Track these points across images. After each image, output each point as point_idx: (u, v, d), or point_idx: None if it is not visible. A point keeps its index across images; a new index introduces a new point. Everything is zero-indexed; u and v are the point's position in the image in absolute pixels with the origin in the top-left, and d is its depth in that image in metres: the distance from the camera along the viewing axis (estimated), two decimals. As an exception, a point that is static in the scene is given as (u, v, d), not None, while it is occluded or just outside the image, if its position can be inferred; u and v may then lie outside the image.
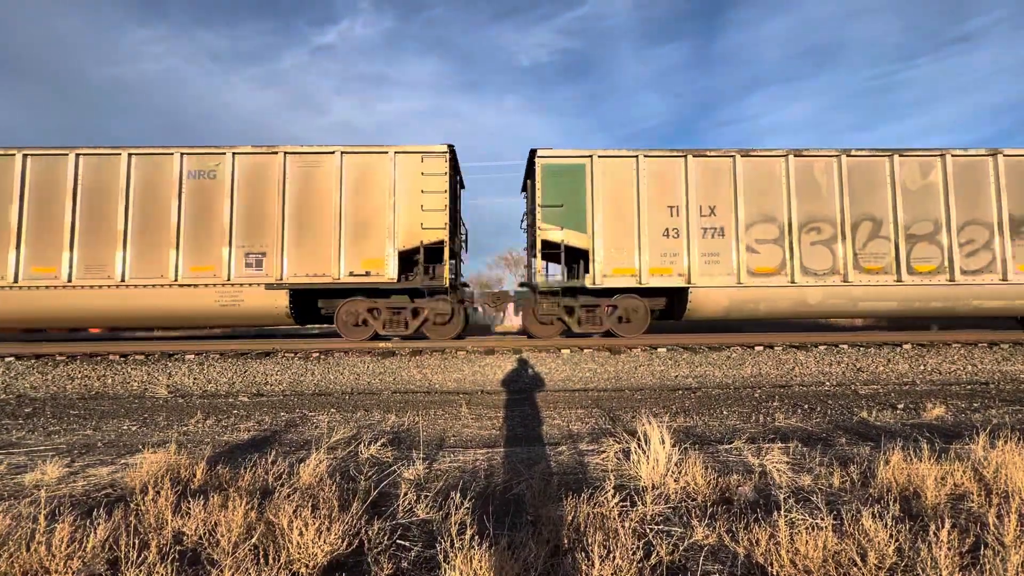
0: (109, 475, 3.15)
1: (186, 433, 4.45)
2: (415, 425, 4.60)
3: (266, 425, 4.73)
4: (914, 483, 2.63)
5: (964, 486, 2.63)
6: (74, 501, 2.66)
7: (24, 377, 7.06)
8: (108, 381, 7.02)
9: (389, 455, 3.51)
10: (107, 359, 7.75)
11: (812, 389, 6.49)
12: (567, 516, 2.26)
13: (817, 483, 2.79)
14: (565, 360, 7.61)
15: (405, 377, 7.15)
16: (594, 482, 2.85)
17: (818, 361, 7.58)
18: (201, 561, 1.97)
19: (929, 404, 5.09)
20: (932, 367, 7.42)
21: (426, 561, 1.99)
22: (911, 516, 2.32)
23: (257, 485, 2.77)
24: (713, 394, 6.20)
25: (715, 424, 4.55)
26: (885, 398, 5.74)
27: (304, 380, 7.08)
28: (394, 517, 2.38)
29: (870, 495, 2.59)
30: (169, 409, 5.58)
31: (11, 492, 2.85)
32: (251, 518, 2.20)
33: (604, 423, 4.61)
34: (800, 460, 3.24)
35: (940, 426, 4.35)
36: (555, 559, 1.93)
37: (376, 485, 2.75)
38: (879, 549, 1.90)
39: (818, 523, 2.08)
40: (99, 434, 4.45)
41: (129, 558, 1.83)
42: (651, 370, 7.36)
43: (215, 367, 7.39)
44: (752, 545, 2.01)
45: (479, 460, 3.41)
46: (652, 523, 2.29)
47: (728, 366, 7.45)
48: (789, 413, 4.96)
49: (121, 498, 2.68)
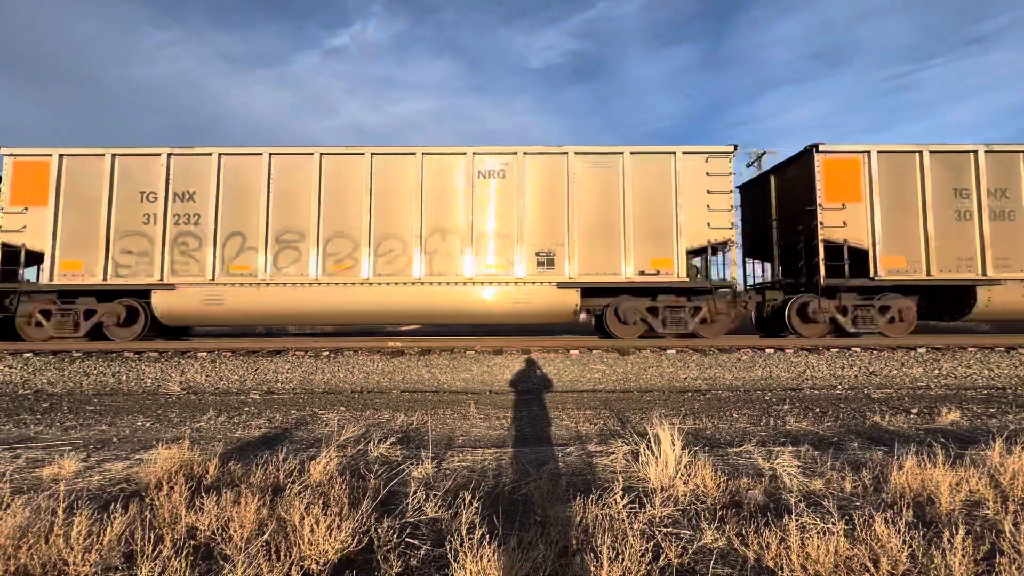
0: (124, 470, 3.20)
1: (199, 429, 4.51)
2: (424, 424, 4.62)
3: (277, 422, 4.78)
4: (928, 489, 2.60)
5: (979, 493, 2.59)
6: (90, 495, 2.71)
7: (42, 373, 7.20)
8: (123, 378, 7.13)
9: (398, 454, 3.53)
10: (122, 356, 7.88)
11: (824, 392, 6.42)
12: (576, 517, 2.26)
13: (829, 487, 2.76)
14: (574, 361, 7.60)
15: (414, 376, 7.18)
16: (602, 483, 2.85)
17: (830, 364, 7.49)
18: (214, 556, 2.00)
19: (944, 409, 5.02)
20: (947, 371, 7.31)
21: (435, 560, 2.00)
22: (925, 522, 2.29)
23: (268, 482, 2.81)
24: (723, 396, 6.15)
25: (725, 426, 4.52)
26: (899, 402, 5.66)
27: (314, 378, 7.14)
28: (403, 515, 2.40)
29: (883, 500, 2.56)
30: (182, 406, 5.66)
31: (30, 485, 2.91)
32: (263, 514, 2.23)
33: (613, 424, 4.60)
34: (811, 464, 3.21)
35: (955, 431, 4.28)
36: (564, 560, 1.94)
37: (386, 483, 2.76)
38: (892, 555, 1.88)
39: (830, 528, 2.06)
40: (114, 429, 4.53)
41: (144, 552, 1.86)
42: (660, 371, 7.32)
43: (227, 365, 7.47)
44: (762, 549, 2.00)
45: (488, 460, 3.42)
46: (661, 525, 2.28)
47: (738, 368, 7.39)
48: (800, 416, 4.91)
49: (136, 493, 2.73)
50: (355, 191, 9.17)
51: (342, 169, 9.22)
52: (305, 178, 9.15)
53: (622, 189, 9.11)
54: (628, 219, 9.06)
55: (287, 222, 9.11)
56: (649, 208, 9.11)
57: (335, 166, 9.21)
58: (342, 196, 9.16)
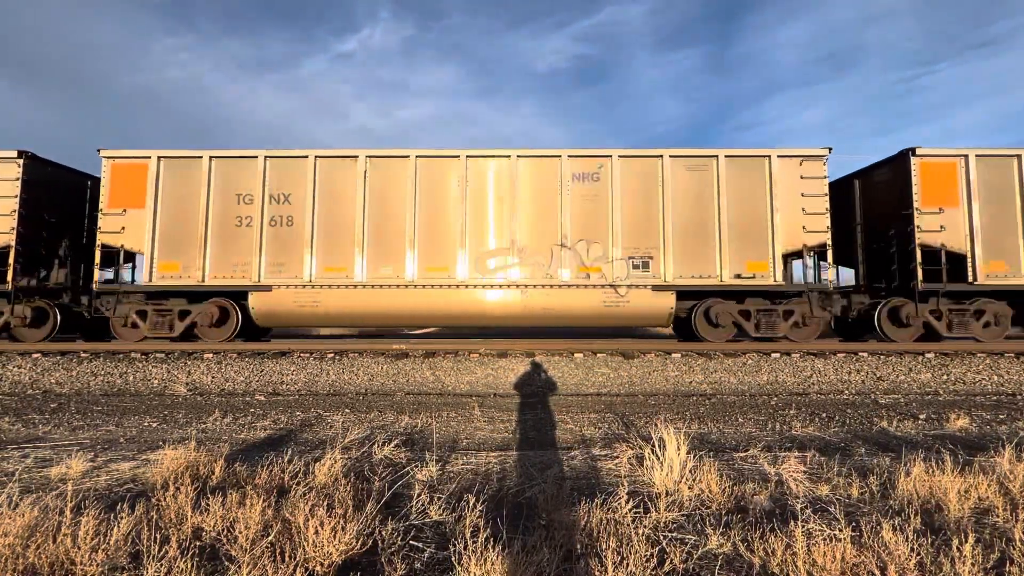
0: (131, 470, 3.22)
1: (205, 431, 4.54)
2: (428, 427, 4.63)
3: (282, 424, 4.80)
4: (936, 496, 2.57)
5: (989, 500, 2.56)
6: (98, 495, 2.73)
7: (50, 373, 7.26)
8: (130, 379, 7.19)
9: (402, 456, 3.54)
10: (129, 357, 7.94)
11: (830, 397, 6.37)
12: (580, 521, 2.26)
13: (835, 493, 2.74)
14: (578, 364, 7.59)
15: (418, 379, 7.19)
16: (607, 487, 2.84)
17: (836, 369, 7.44)
18: (219, 557, 2.01)
19: (952, 415, 4.97)
20: (956, 377, 7.23)
21: (439, 563, 2.00)
22: (933, 529, 2.26)
23: (274, 483, 2.82)
24: (728, 401, 6.12)
25: (730, 431, 4.50)
26: (906, 408, 5.61)
27: (319, 380, 7.16)
28: (408, 518, 2.40)
29: (890, 507, 2.53)
30: (188, 407, 5.69)
31: (38, 485, 2.93)
32: (268, 516, 2.24)
33: (617, 428, 4.58)
34: (817, 470, 3.19)
35: (964, 437, 4.24)
36: (568, 564, 1.93)
37: (390, 486, 2.77)
38: (900, 563, 1.86)
39: (836, 534, 2.05)
40: (121, 430, 4.56)
41: (151, 552, 1.87)
42: (665, 375, 7.30)
43: (232, 366, 7.51)
44: (768, 555, 1.99)
45: (492, 463, 3.42)
46: (666, 530, 2.27)
47: (744, 372, 7.35)
48: (806, 421, 4.88)
49: (143, 493, 2.75)
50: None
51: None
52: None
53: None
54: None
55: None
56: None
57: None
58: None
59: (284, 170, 9.24)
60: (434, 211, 9.21)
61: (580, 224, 9.13)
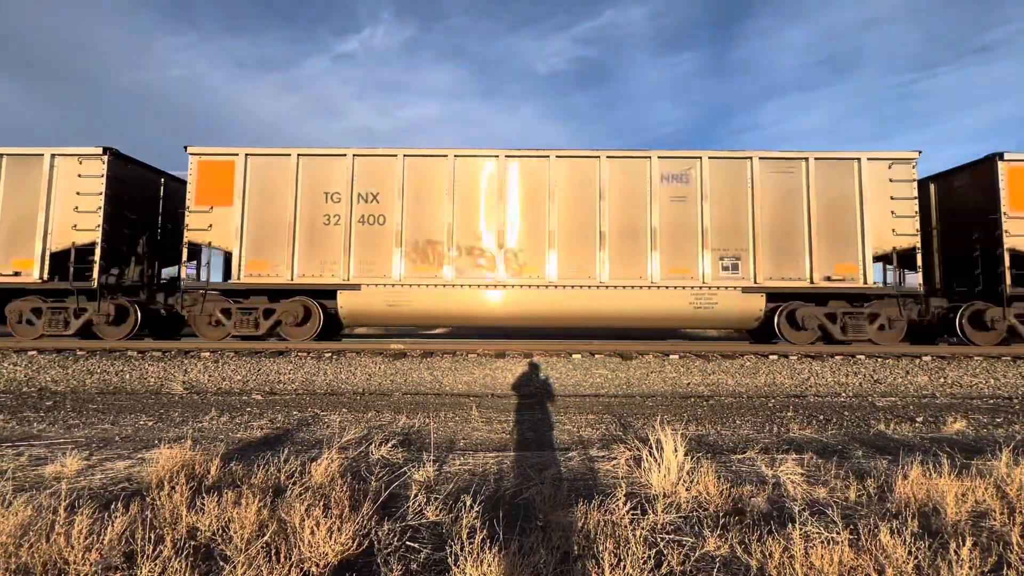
0: (126, 469, 3.21)
1: (201, 430, 4.52)
2: (425, 427, 4.62)
3: (279, 423, 4.78)
4: (933, 499, 2.57)
5: (986, 503, 2.56)
6: (92, 494, 2.71)
7: (46, 371, 7.23)
8: (126, 377, 7.16)
9: (399, 456, 3.53)
10: (125, 355, 7.91)
11: (828, 400, 6.38)
12: (577, 522, 2.25)
13: (833, 496, 2.74)
14: (576, 365, 7.58)
15: (416, 379, 7.18)
16: (605, 489, 2.83)
17: (834, 372, 7.45)
18: (214, 557, 2.00)
19: (949, 418, 4.98)
20: (953, 380, 7.25)
21: (436, 564, 1.99)
22: (930, 533, 2.26)
23: (270, 483, 2.80)
24: (726, 402, 6.12)
25: (728, 433, 4.50)
26: (903, 411, 5.61)
27: (316, 380, 7.14)
28: (404, 518, 2.39)
29: (888, 510, 2.53)
30: (184, 406, 5.67)
31: (32, 483, 2.92)
32: (264, 516, 2.22)
33: (615, 430, 4.58)
34: (815, 472, 3.19)
35: (961, 441, 4.24)
36: (565, 565, 1.92)
37: (387, 486, 2.76)
38: (897, 566, 1.86)
39: (834, 537, 2.04)
40: (117, 428, 4.54)
41: (145, 552, 1.86)
42: (663, 377, 7.30)
43: (229, 365, 7.49)
44: (765, 558, 1.98)
45: (489, 464, 3.41)
46: (663, 532, 2.26)
47: (741, 374, 7.36)
48: (804, 424, 4.88)
49: (137, 492, 2.73)
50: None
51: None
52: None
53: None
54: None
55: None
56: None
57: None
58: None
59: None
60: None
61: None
